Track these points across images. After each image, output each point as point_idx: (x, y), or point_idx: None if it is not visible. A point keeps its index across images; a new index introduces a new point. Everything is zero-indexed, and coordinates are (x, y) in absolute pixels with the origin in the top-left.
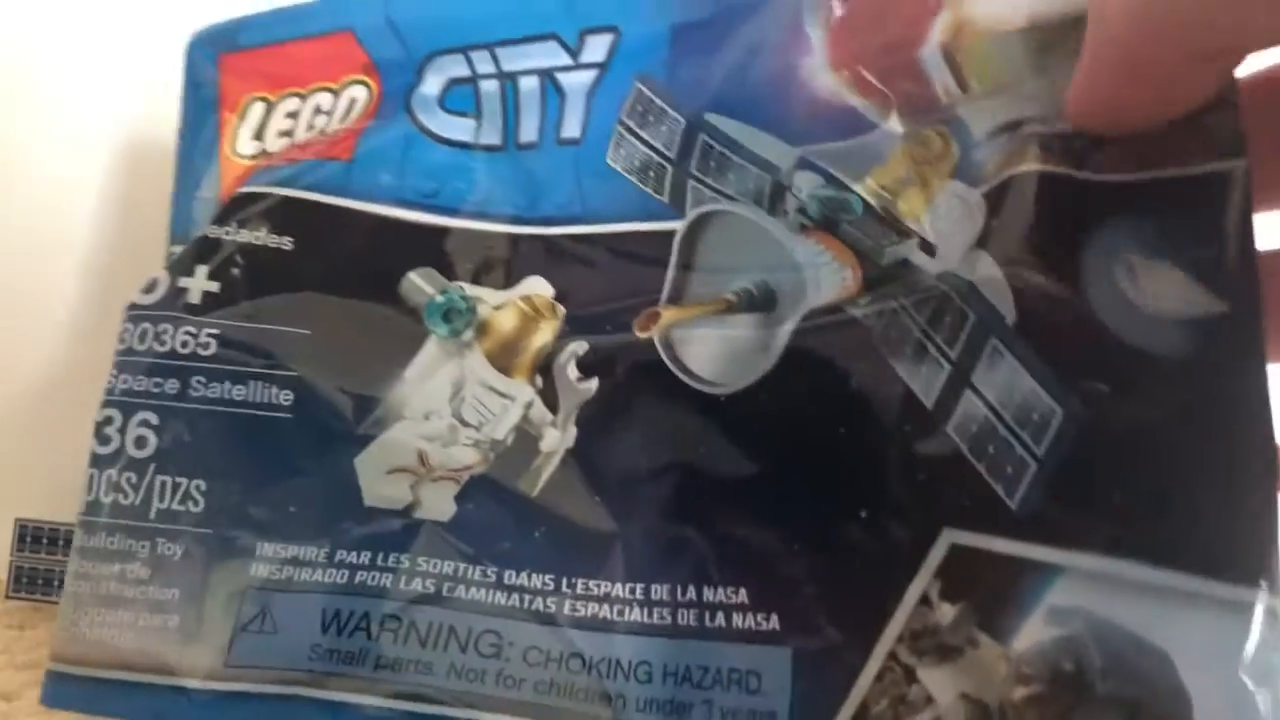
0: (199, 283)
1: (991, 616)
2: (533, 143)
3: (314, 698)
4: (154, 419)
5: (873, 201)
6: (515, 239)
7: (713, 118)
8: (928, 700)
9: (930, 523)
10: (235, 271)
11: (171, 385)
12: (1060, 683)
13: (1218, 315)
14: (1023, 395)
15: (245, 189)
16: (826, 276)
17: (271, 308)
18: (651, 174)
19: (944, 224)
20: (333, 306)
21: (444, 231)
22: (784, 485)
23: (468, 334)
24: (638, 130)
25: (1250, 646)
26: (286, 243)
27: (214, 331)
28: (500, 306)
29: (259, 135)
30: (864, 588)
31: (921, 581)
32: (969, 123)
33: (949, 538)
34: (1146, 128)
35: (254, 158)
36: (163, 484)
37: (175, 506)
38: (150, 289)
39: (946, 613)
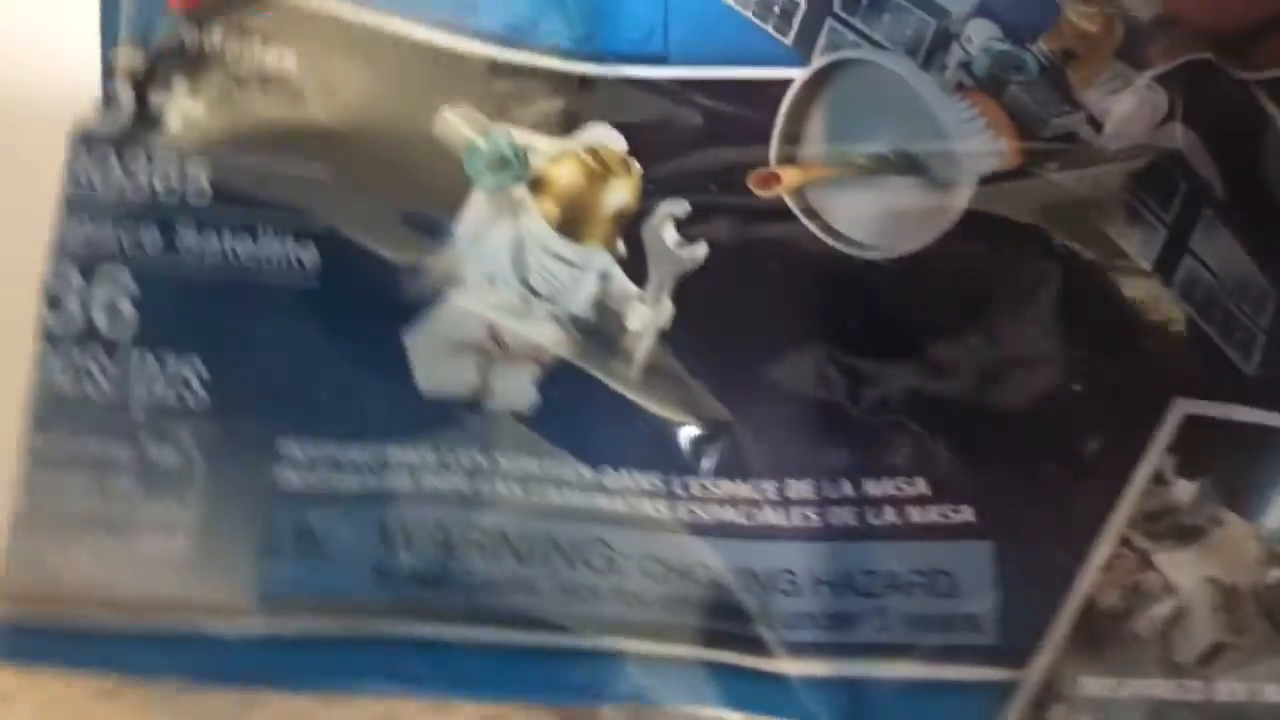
0: (179, 102)
1: (1237, 492)
2: None
3: (391, 636)
4: (128, 280)
5: (1046, 65)
6: (573, 78)
7: None
8: (1167, 588)
9: (1158, 393)
10: (225, 92)
11: (151, 237)
12: None
13: None
14: (1241, 268)
15: None
16: (979, 145)
17: (280, 142)
18: (777, 8)
19: (1112, 103)
20: (356, 144)
21: (483, 62)
22: (969, 358)
23: (519, 189)
24: None
25: None
26: (289, 60)
27: (204, 166)
28: (557, 158)
29: None
30: (1085, 469)
31: (1154, 457)
32: (1132, 5)
33: (1182, 408)
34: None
35: None
36: (146, 367)
37: (165, 396)
38: (109, 105)
39: (1185, 490)
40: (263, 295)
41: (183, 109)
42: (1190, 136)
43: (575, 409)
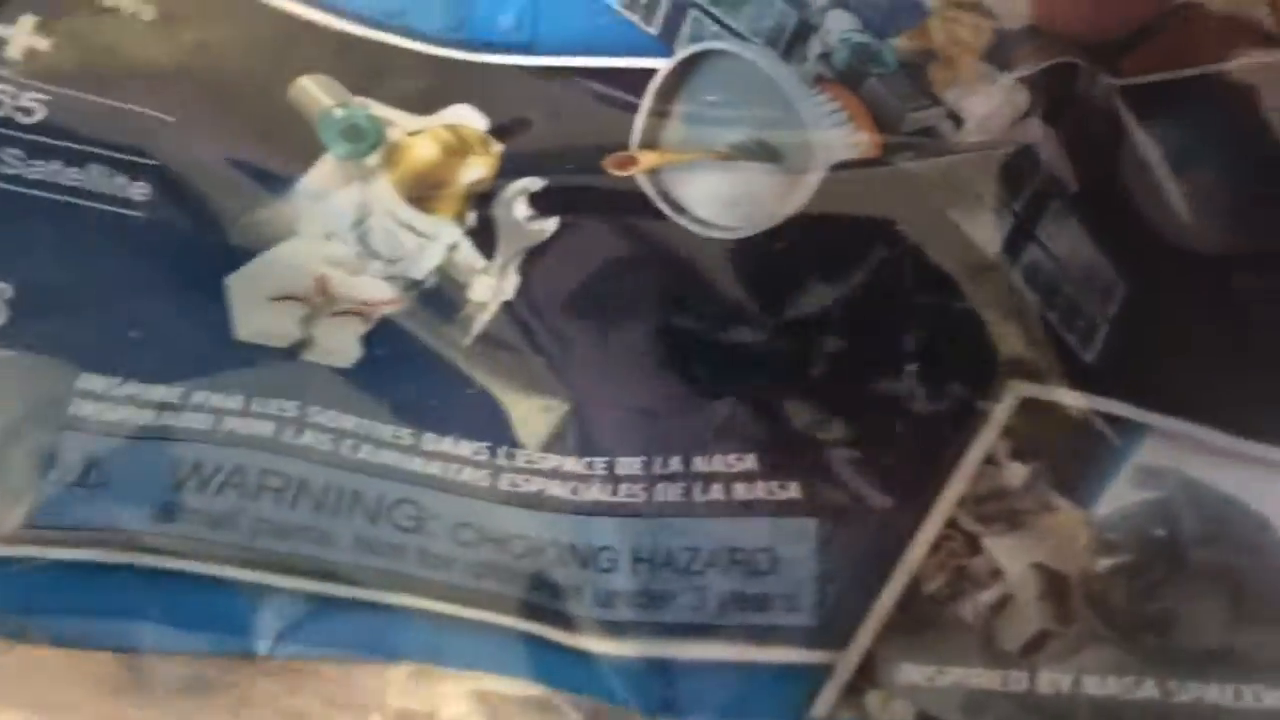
0: (23, 35)
1: (1069, 478)
2: None
3: (163, 568)
4: None
5: (903, 60)
6: (439, 62)
7: None
8: (994, 573)
9: (995, 375)
10: (76, 31)
11: None
12: (1150, 550)
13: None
14: (1088, 258)
15: None
16: (837, 138)
17: (125, 81)
18: (642, 1)
19: (973, 101)
20: (209, 92)
21: (351, 39)
22: (810, 336)
23: (372, 158)
24: None
25: None
26: (148, 11)
27: (42, 97)
28: (415, 133)
29: None
30: (913, 448)
31: (987, 439)
32: (1000, 14)
33: (1017, 390)
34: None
35: None
36: None
37: None
38: None
39: (1017, 473)
40: (84, 226)
41: (28, 42)
42: (1048, 133)
43: (400, 370)
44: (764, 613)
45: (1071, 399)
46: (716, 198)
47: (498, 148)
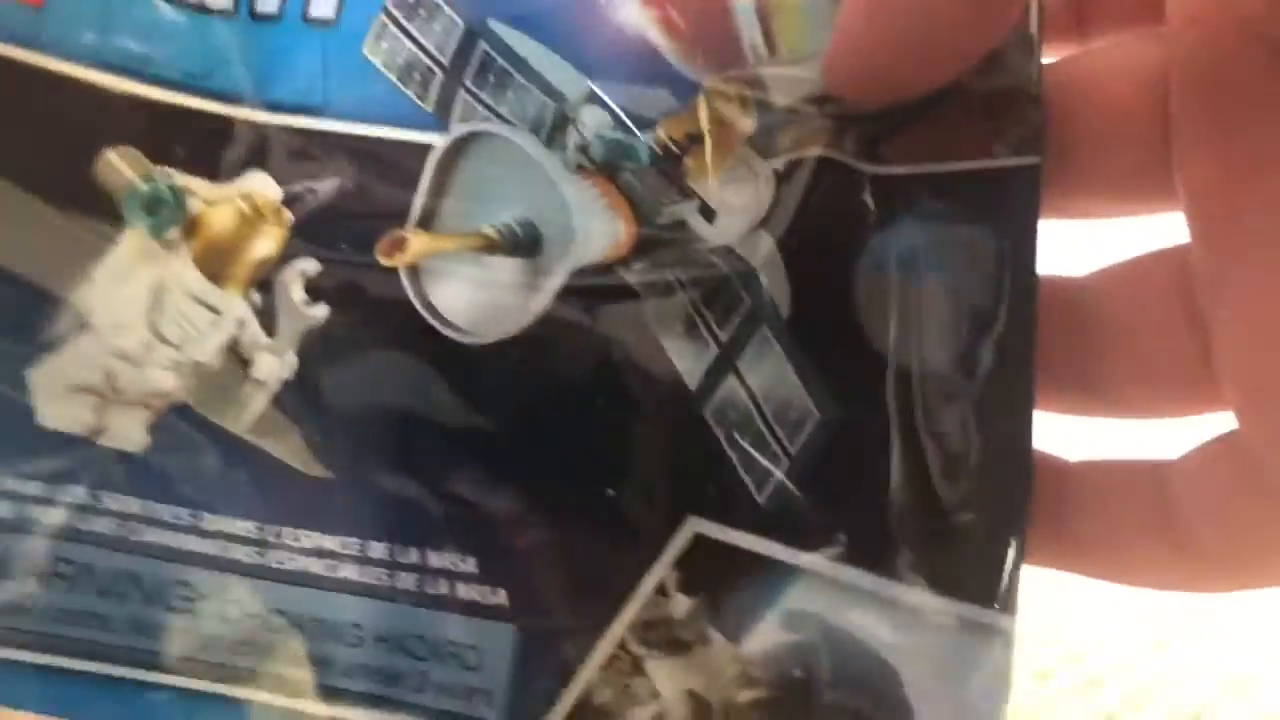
0: None
1: (726, 614)
2: (272, 15)
3: None
4: None
5: (659, 153)
6: (236, 123)
7: (497, 26)
8: (653, 694)
9: (677, 509)
10: None
11: None
12: (787, 688)
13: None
14: (785, 390)
15: None
16: (598, 226)
17: None
18: (417, 76)
19: (730, 192)
20: (6, 183)
21: (152, 106)
22: (528, 452)
23: (173, 231)
24: (405, 23)
25: (976, 667)
26: None
27: None
28: (214, 202)
29: None
30: (601, 571)
31: (660, 570)
32: (772, 89)
33: (694, 527)
34: (899, 92)
35: None
36: None
37: None
38: None
39: (681, 605)
40: None
41: None
42: (772, 255)
43: (182, 453)
44: (466, 703)
45: (739, 540)
46: (466, 300)
47: (290, 218)
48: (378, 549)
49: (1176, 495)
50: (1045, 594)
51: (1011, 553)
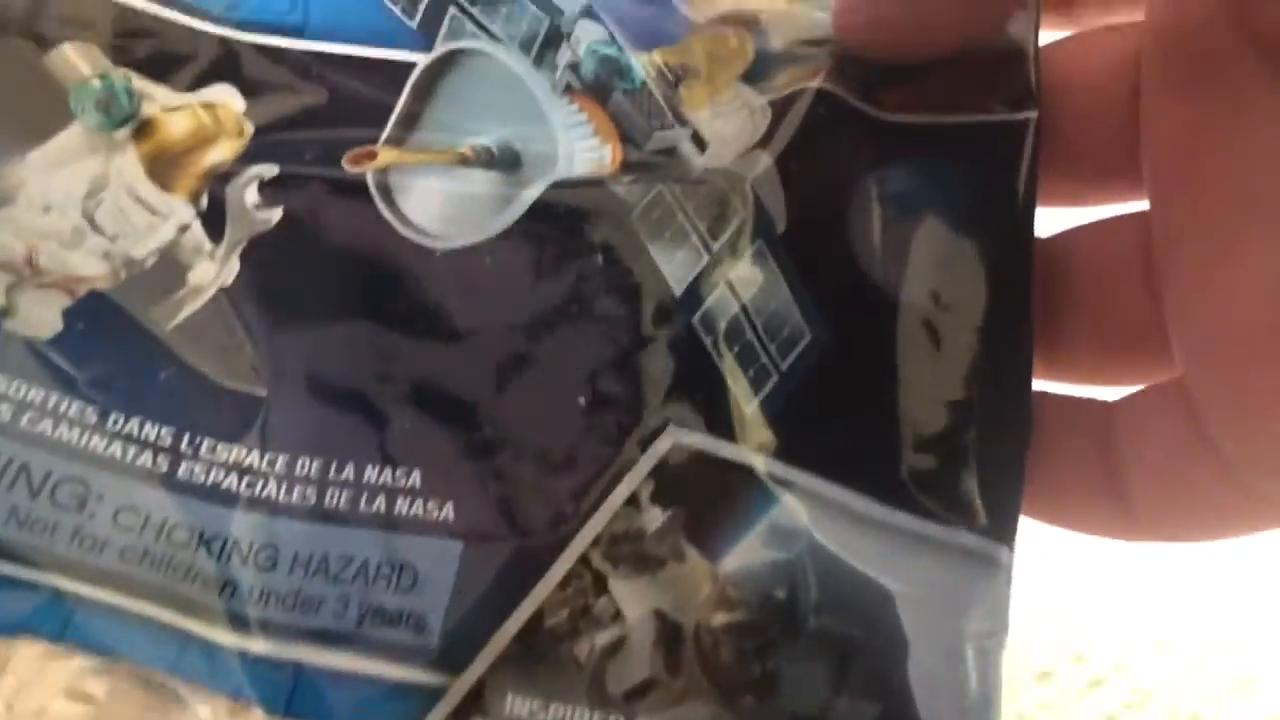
0: None
1: (704, 528)
2: None
3: None
4: None
5: (654, 77)
6: (205, 37)
7: None
8: (615, 615)
9: (655, 417)
10: None
11: None
12: (768, 611)
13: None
14: (778, 305)
15: None
16: (581, 151)
17: None
18: None
19: (722, 123)
20: None
21: (119, 9)
22: (490, 360)
23: (123, 131)
24: None
25: (978, 601)
26: None
27: None
28: (174, 109)
29: None
30: (566, 481)
31: (634, 479)
32: (770, 29)
33: (673, 436)
34: (910, 53)
35: None
36: None
37: None
38: None
39: (655, 517)
40: None
41: None
42: (770, 171)
43: (96, 346)
44: (396, 629)
45: (721, 449)
46: (436, 206)
47: (250, 130)
48: (308, 465)
49: (1118, 439)
50: (1045, 594)
51: (1014, 484)
